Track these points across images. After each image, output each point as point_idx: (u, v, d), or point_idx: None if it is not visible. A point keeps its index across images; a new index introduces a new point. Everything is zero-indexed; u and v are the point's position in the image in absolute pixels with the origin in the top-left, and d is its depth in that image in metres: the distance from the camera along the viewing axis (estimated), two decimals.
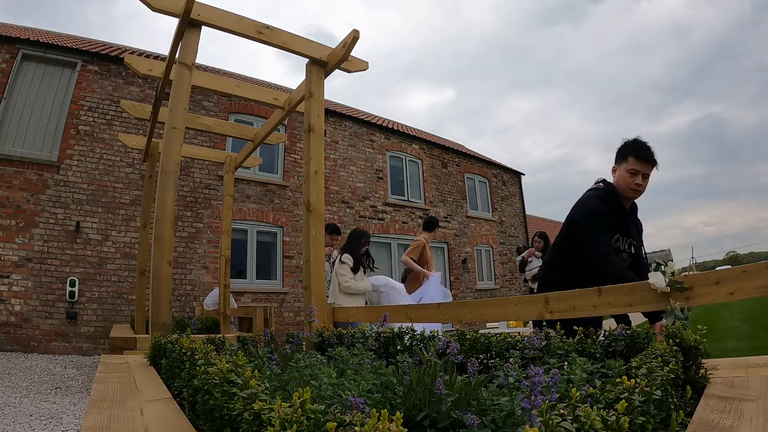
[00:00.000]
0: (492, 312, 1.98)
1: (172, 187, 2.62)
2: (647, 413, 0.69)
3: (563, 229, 2.27)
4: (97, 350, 6.36)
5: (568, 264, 2.18)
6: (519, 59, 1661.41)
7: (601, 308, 1.53)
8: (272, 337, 1.62)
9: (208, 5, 2.74)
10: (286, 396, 0.89)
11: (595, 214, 2.07)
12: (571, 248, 2.17)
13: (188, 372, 1.22)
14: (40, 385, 4.07)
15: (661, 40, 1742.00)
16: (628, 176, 2.08)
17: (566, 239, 2.22)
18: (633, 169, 2.06)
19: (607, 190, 2.15)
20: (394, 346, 1.77)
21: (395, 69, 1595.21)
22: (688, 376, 0.99)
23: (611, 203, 2.10)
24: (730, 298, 1.29)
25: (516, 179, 15.10)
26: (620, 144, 2.17)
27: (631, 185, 2.07)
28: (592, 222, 2.06)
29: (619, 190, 2.12)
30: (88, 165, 6.96)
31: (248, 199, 8.46)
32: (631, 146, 2.10)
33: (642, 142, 2.09)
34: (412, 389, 0.95)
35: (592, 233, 2.03)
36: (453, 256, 11.88)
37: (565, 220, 2.26)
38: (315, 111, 2.96)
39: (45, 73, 6.98)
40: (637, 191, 2.09)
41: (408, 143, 11.71)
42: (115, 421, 1.12)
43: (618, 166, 2.14)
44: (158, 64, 3.69)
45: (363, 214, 10.14)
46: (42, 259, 6.37)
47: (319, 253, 2.77)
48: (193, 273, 7.53)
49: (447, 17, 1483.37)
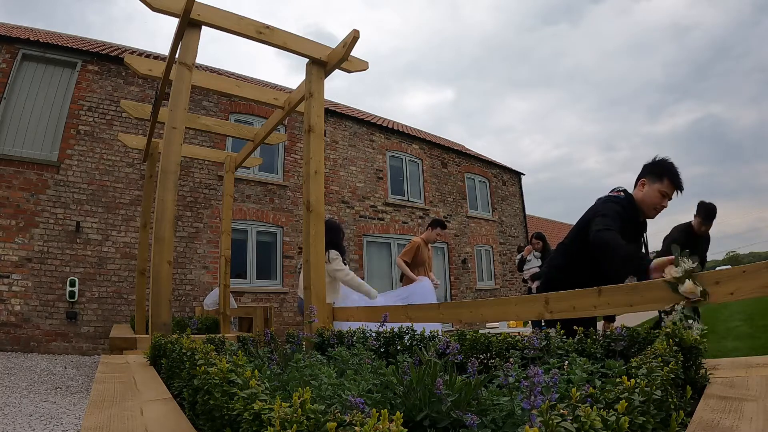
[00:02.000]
0: (492, 312, 1.98)
1: (172, 187, 2.62)
2: (647, 413, 0.69)
3: (574, 230, 2.30)
4: (97, 350, 6.36)
5: (571, 264, 2.19)
6: (518, 59, 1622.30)
7: (601, 308, 1.53)
8: (272, 337, 1.62)
9: (208, 5, 2.74)
10: (286, 396, 0.89)
11: (614, 210, 2.12)
12: (577, 250, 2.19)
13: (188, 372, 1.22)
14: (40, 385, 4.07)
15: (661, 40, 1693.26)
16: (659, 197, 2.11)
17: (576, 240, 2.24)
18: (665, 192, 2.10)
19: (627, 201, 2.18)
20: (394, 346, 1.77)
21: (395, 69, 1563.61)
22: (688, 376, 0.99)
23: (629, 214, 2.14)
24: (730, 298, 1.29)
25: (516, 179, 15.11)
26: (653, 160, 2.18)
27: (658, 206, 2.12)
28: (606, 211, 2.10)
29: (643, 206, 2.16)
30: (88, 165, 6.96)
31: (248, 199, 8.46)
32: (669, 169, 2.12)
33: (678, 170, 2.12)
34: (412, 389, 0.95)
35: (603, 218, 2.04)
36: (453, 256, 11.88)
37: (578, 222, 2.28)
38: (315, 111, 2.96)
39: (45, 73, 6.98)
40: (658, 213, 2.14)
41: (408, 143, 11.71)
42: (115, 421, 1.12)
43: (649, 184, 2.15)
44: (158, 64, 3.69)
45: (363, 214, 10.14)
46: (42, 259, 6.37)
47: (319, 253, 2.77)
48: (193, 273, 7.53)
49: (446, 17, 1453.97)
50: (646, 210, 2.16)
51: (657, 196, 2.11)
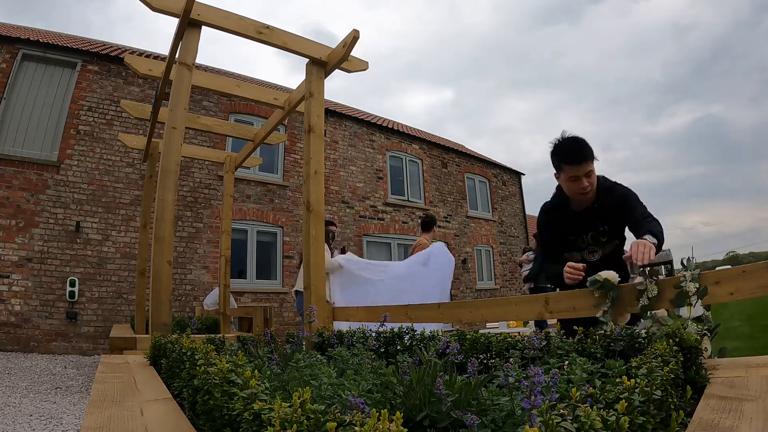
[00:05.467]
0: (492, 312, 1.98)
1: (172, 187, 2.62)
2: (647, 413, 0.69)
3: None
4: (97, 350, 6.36)
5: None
6: (518, 59, 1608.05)
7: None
8: (272, 337, 1.62)
9: (208, 5, 2.74)
10: (286, 396, 0.89)
11: (540, 228, 2.23)
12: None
13: (188, 372, 1.22)
14: (40, 385, 4.07)
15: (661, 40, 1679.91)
16: (571, 183, 1.94)
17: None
18: (572, 177, 1.92)
19: (552, 203, 2.15)
20: (394, 346, 1.77)
21: (395, 69, 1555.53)
22: (688, 376, 0.99)
23: (559, 214, 2.08)
24: (730, 298, 1.29)
25: (516, 179, 15.10)
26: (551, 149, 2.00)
27: (578, 191, 1.94)
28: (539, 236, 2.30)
29: (570, 198, 2.02)
30: (88, 165, 6.96)
31: (248, 199, 8.46)
32: (561, 154, 1.95)
33: (568, 145, 1.93)
34: (412, 389, 0.95)
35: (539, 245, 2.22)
36: (453, 256, 11.88)
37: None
38: (315, 111, 2.96)
39: (45, 73, 6.98)
40: (586, 194, 1.94)
41: (408, 143, 11.71)
42: (115, 421, 1.12)
43: (559, 176, 2.01)
44: (158, 64, 3.69)
45: (363, 214, 10.14)
46: (42, 259, 6.37)
47: (319, 253, 2.77)
48: (193, 273, 7.53)
49: (446, 17, 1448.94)
50: (575, 200, 1.99)
51: (570, 184, 1.94)
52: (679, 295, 1.32)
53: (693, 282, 1.30)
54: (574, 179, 1.92)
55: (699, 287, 1.29)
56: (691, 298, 1.29)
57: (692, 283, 1.30)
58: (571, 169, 1.90)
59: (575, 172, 1.90)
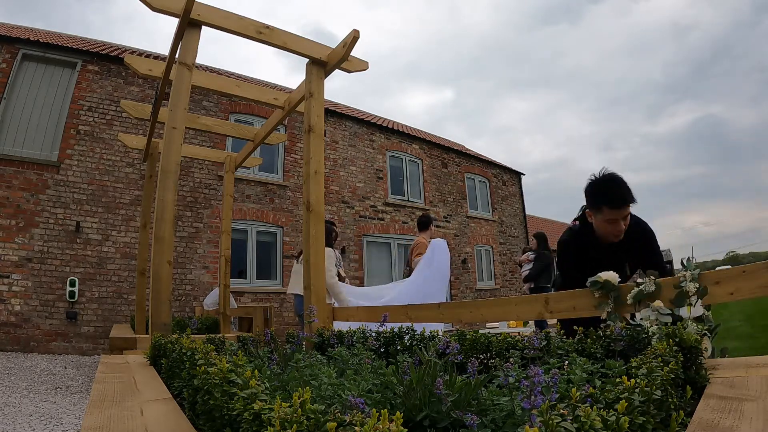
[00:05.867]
0: (492, 312, 1.98)
1: (172, 187, 2.62)
2: (647, 413, 0.69)
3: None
4: (97, 350, 6.36)
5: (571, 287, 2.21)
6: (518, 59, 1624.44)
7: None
8: (272, 337, 1.62)
9: (208, 5, 2.74)
10: (286, 396, 0.89)
11: (562, 249, 2.24)
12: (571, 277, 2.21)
13: (188, 372, 1.22)
14: (40, 385, 4.07)
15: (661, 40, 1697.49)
16: (608, 226, 1.91)
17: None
18: (611, 219, 1.89)
19: (578, 231, 2.07)
20: (394, 346, 1.77)
21: (395, 69, 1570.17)
22: (688, 376, 0.99)
23: (585, 241, 2.04)
24: (730, 298, 1.29)
25: (516, 179, 15.10)
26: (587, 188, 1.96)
27: (614, 233, 1.92)
28: (559, 253, 2.29)
29: (601, 236, 1.98)
30: (88, 165, 6.96)
31: (248, 199, 8.46)
32: (604, 195, 1.90)
33: (613, 189, 1.89)
34: (412, 389, 0.95)
35: (559, 263, 2.26)
36: (453, 256, 11.86)
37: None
38: (315, 111, 2.96)
39: (45, 73, 6.98)
40: (620, 236, 1.93)
41: (408, 143, 11.71)
42: (115, 421, 1.12)
43: (594, 216, 1.97)
44: (158, 64, 3.69)
45: (363, 214, 10.14)
46: (42, 259, 6.37)
47: (319, 253, 2.77)
48: (193, 273, 7.53)
49: (446, 18, 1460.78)
50: (606, 239, 1.96)
51: (606, 226, 1.92)
52: (679, 295, 1.32)
53: (693, 282, 1.30)
54: (612, 221, 1.90)
55: (699, 287, 1.29)
56: (691, 298, 1.29)
57: (692, 283, 1.30)
58: (612, 213, 1.89)
59: (615, 215, 1.89)
